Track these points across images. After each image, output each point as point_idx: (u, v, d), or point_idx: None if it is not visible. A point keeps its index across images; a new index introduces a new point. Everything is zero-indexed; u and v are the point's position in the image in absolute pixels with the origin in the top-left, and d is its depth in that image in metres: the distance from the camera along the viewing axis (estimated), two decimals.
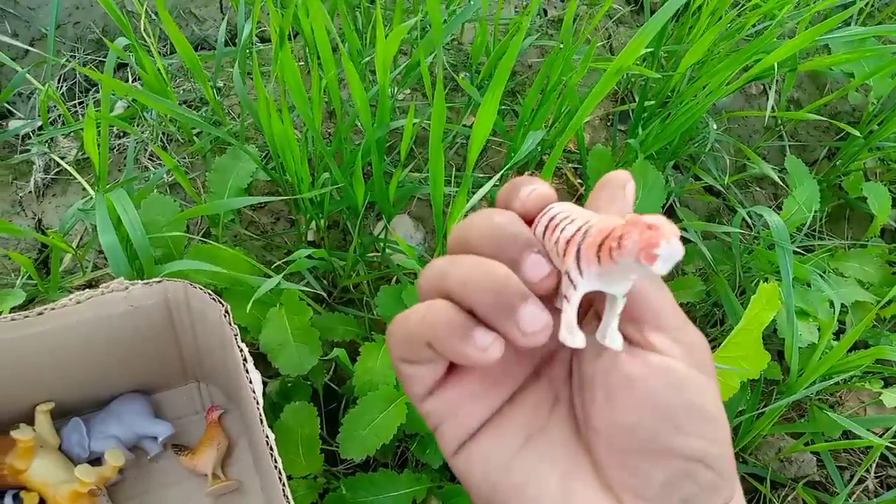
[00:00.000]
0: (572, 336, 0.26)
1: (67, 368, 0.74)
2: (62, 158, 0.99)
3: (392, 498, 0.74)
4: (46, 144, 1.00)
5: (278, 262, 0.74)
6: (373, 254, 0.96)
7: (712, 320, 1.06)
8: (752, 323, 0.72)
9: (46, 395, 0.76)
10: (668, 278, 0.98)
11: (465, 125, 0.97)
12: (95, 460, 0.78)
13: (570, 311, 0.26)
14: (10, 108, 1.04)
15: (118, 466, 0.75)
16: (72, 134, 1.03)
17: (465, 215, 0.86)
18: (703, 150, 1.02)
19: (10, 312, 0.70)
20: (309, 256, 0.81)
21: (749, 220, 1.00)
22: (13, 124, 1.03)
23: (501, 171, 0.70)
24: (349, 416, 0.71)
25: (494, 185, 0.65)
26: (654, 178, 0.89)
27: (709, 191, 1.24)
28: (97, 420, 0.79)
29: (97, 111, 0.79)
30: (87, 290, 0.65)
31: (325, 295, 0.89)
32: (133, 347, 0.74)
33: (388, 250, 0.96)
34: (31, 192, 0.98)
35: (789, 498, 0.87)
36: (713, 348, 0.73)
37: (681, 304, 1.04)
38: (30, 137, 1.01)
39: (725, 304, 0.85)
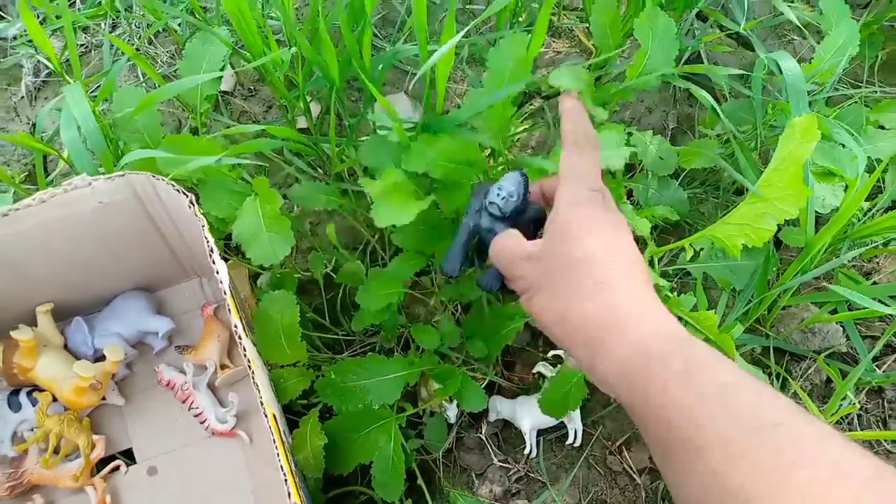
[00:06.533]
0: None
1: (58, 268, 0.74)
2: (48, 60, 0.97)
3: (384, 381, 0.73)
4: (32, 46, 0.98)
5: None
6: (365, 137, 0.91)
7: (735, 186, 0.97)
8: (785, 161, 0.64)
9: (46, 296, 0.78)
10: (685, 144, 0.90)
11: None
12: (102, 357, 0.80)
13: None
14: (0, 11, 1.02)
15: (117, 361, 0.77)
16: (59, 32, 1.00)
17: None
18: None
19: None
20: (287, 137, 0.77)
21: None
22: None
23: (480, 17, 0.63)
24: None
25: (467, 34, 0.59)
26: (664, 28, 0.79)
27: (744, 46, 1.12)
28: (99, 318, 0.81)
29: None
30: (50, 188, 0.64)
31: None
32: (117, 244, 0.74)
33: (378, 132, 0.91)
34: (23, 97, 0.97)
35: (810, 370, 0.82)
36: None
37: (697, 171, 0.94)
38: (16, 39, 0.99)
39: (741, 163, 0.76)
